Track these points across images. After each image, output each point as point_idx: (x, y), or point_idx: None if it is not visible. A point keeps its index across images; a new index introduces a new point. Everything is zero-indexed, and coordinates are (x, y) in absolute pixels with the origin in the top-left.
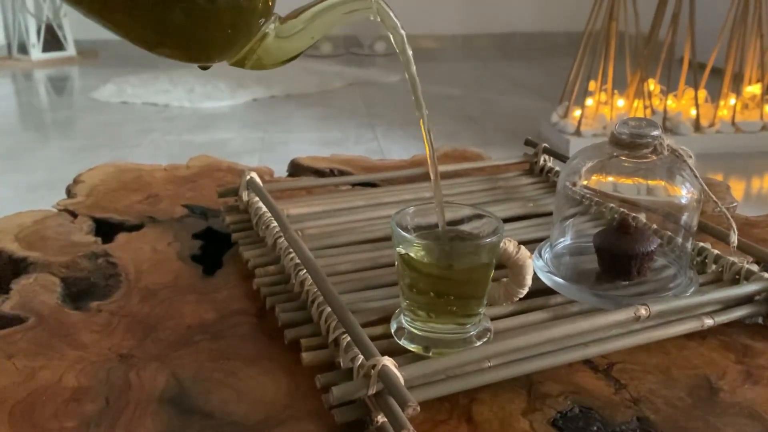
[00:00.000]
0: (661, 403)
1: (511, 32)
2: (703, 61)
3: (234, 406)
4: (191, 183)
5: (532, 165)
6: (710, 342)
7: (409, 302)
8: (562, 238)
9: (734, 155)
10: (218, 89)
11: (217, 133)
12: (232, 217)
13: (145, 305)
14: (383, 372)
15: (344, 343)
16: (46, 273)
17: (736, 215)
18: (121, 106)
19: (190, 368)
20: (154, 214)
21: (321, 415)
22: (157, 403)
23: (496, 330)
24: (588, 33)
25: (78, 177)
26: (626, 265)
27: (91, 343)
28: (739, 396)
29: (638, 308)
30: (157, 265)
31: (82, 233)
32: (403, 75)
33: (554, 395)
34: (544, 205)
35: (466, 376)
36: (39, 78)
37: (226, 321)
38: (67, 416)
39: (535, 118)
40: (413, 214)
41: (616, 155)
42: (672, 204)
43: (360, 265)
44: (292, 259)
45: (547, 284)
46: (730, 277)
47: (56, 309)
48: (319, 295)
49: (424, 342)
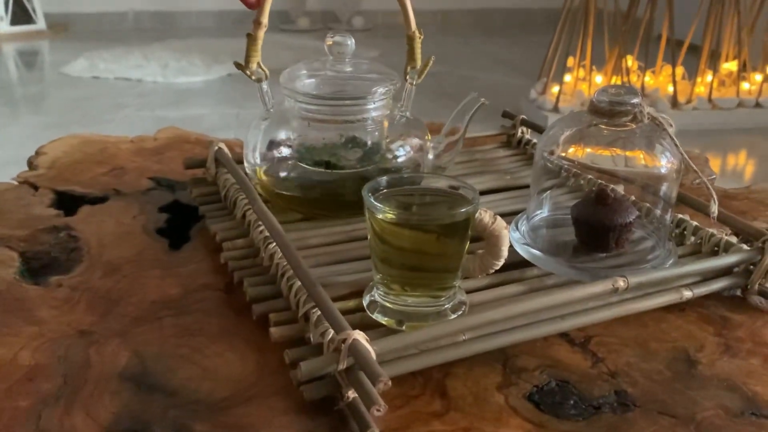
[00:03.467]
0: (638, 376)
1: (490, 8)
2: (681, 38)
3: (198, 383)
4: (158, 155)
5: (510, 137)
6: (689, 314)
7: (382, 275)
8: (539, 211)
9: (711, 132)
10: (193, 64)
11: (191, 108)
12: (199, 189)
13: (107, 280)
14: (354, 346)
15: (314, 317)
16: (3, 247)
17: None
18: (92, 81)
19: (154, 345)
20: (118, 187)
21: (290, 392)
22: (118, 380)
23: (472, 303)
24: (567, 9)
25: (40, 149)
26: (604, 237)
27: (49, 318)
28: (718, 368)
29: (616, 280)
30: (121, 238)
31: (43, 206)
32: (381, 51)
33: (530, 369)
34: (521, 177)
35: (440, 350)
36: (7, 52)
37: (192, 296)
38: (21, 395)
39: (513, 94)
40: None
41: (595, 123)
42: (651, 174)
43: (332, 238)
44: (261, 232)
45: (523, 256)
46: (709, 249)
47: (13, 284)
48: (289, 269)
49: (397, 316)
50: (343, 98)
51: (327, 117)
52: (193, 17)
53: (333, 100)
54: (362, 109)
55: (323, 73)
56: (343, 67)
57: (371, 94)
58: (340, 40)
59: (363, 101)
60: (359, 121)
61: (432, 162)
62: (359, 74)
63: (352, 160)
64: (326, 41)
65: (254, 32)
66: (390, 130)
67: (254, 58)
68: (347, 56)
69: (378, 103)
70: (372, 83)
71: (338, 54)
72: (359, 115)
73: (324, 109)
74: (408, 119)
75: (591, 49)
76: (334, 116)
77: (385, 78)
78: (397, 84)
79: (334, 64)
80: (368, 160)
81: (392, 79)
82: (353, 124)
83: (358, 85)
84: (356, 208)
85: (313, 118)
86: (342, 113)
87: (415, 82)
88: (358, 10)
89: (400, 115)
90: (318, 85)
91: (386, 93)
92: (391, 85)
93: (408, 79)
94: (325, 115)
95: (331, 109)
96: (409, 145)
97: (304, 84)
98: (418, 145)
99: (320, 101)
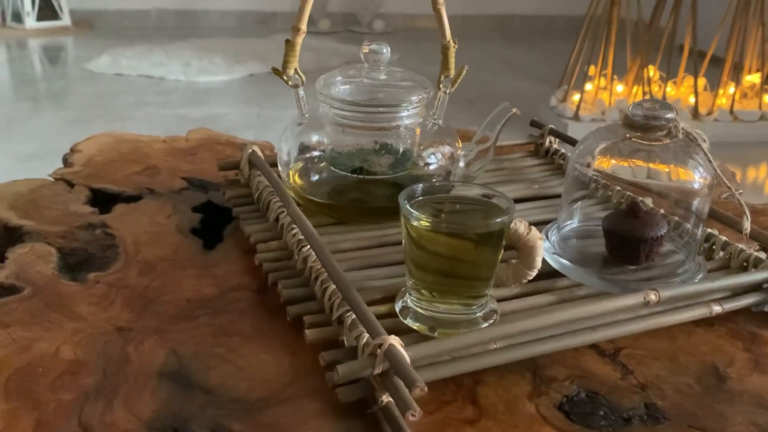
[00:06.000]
0: (668, 389)
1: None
2: (704, 49)
3: (235, 382)
4: (190, 156)
5: (537, 146)
6: (718, 329)
7: (415, 281)
8: (570, 221)
9: (732, 144)
10: (214, 64)
11: (212, 108)
12: (232, 191)
13: (143, 278)
14: (390, 351)
15: (349, 321)
16: (42, 243)
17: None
18: (115, 77)
19: (190, 343)
20: (152, 186)
21: (324, 393)
22: (157, 377)
23: (502, 312)
24: (589, 17)
25: (75, 146)
26: (635, 250)
27: (88, 314)
28: (747, 384)
29: (648, 293)
30: (156, 237)
31: (79, 203)
32: (400, 54)
33: (560, 379)
34: (549, 187)
35: (471, 358)
36: (33, 47)
37: (227, 296)
38: (64, 388)
39: (533, 101)
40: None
41: (629, 137)
42: (683, 189)
43: (363, 243)
44: (294, 235)
45: (553, 266)
46: (738, 264)
47: (52, 279)
48: (323, 272)
49: (429, 322)
50: (378, 105)
51: (361, 123)
52: (214, 16)
53: (367, 107)
54: (396, 116)
55: (358, 80)
56: (377, 75)
57: (405, 102)
58: (376, 48)
59: (397, 109)
60: (393, 128)
61: (462, 170)
62: (393, 82)
63: (384, 166)
64: (362, 49)
65: (292, 38)
66: (422, 137)
67: (292, 64)
68: (382, 64)
69: (411, 111)
70: (406, 91)
71: (374, 62)
72: (393, 123)
73: (358, 115)
74: (440, 127)
75: (613, 58)
76: (368, 123)
77: (418, 86)
78: (430, 92)
79: (369, 71)
80: (400, 167)
81: (425, 88)
82: (387, 131)
83: (392, 92)
84: (387, 214)
85: (348, 124)
86: (376, 120)
87: (448, 91)
88: (379, 13)
89: (433, 123)
90: (353, 92)
91: (420, 101)
92: (424, 94)
93: (441, 87)
94: (359, 122)
95: (366, 116)
96: (441, 153)
97: (339, 90)
98: (449, 153)
99: (355, 108)
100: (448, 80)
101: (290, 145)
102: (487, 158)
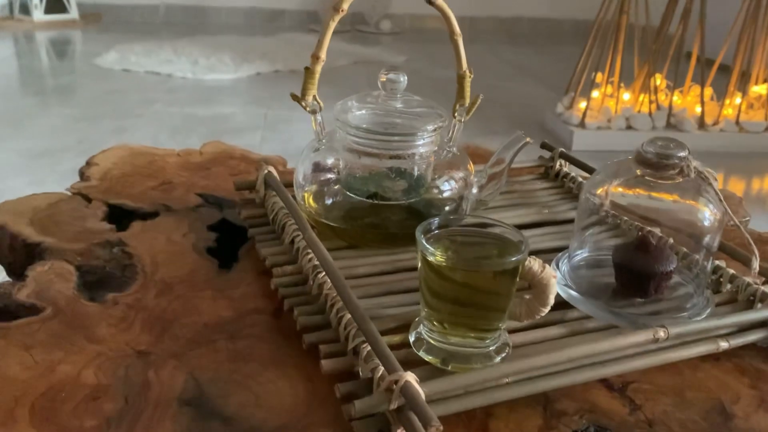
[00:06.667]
0: (675, 425)
1: (518, 16)
2: (711, 57)
3: (252, 410)
4: (205, 170)
5: (548, 169)
6: (724, 364)
7: (429, 311)
8: (581, 250)
9: (737, 155)
10: (222, 62)
11: (219, 107)
12: (248, 211)
13: (161, 299)
14: (405, 388)
15: (364, 353)
16: (61, 260)
17: (749, 230)
18: (123, 74)
19: (209, 369)
20: (168, 202)
21: (339, 423)
22: (177, 404)
23: (513, 344)
24: (597, 24)
25: (91, 159)
26: (644, 284)
27: (108, 337)
28: (753, 422)
29: (657, 330)
30: (173, 257)
31: (96, 219)
32: (408, 56)
33: (570, 413)
34: (560, 212)
35: (484, 392)
36: (41, 40)
37: (243, 320)
38: (87, 414)
39: (539, 107)
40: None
41: (640, 174)
42: (694, 225)
43: (378, 268)
44: (310, 260)
45: (564, 298)
46: (744, 298)
47: (73, 299)
48: (339, 300)
49: (442, 354)
50: (394, 133)
51: (376, 150)
52: (223, 13)
53: (384, 134)
54: (411, 144)
55: (375, 107)
56: (394, 103)
57: (421, 131)
58: (393, 78)
59: (413, 137)
60: (408, 156)
61: (476, 195)
62: (409, 109)
63: (398, 191)
64: (380, 77)
65: (312, 66)
66: (436, 163)
67: (311, 91)
68: (399, 92)
69: (427, 140)
70: (422, 120)
71: (391, 90)
72: (408, 150)
73: (374, 143)
74: (454, 154)
75: (620, 66)
76: (384, 150)
77: (434, 114)
78: (445, 121)
79: (386, 99)
80: (414, 193)
81: (441, 116)
82: (402, 158)
83: (408, 120)
84: (401, 239)
85: (363, 150)
86: (392, 147)
87: (463, 120)
88: (387, 14)
89: (447, 150)
90: (369, 119)
91: (435, 130)
92: (440, 122)
93: (456, 116)
94: (375, 149)
95: (382, 144)
96: (454, 180)
97: (355, 117)
98: (463, 180)
99: (371, 135)
100: (463, 109)
101: (306, 168)
102: (501, 184)
